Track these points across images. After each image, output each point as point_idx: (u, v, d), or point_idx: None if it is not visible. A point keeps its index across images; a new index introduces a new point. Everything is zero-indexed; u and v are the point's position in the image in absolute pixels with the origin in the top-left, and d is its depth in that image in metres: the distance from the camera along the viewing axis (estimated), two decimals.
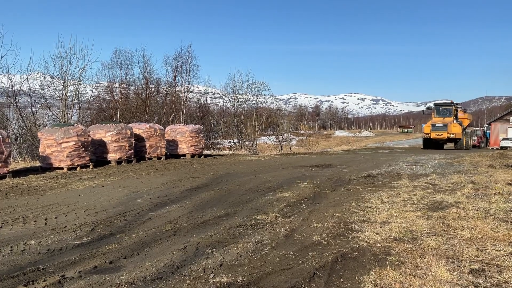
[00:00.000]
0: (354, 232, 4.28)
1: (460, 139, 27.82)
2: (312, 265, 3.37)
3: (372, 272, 3.17)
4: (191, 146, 15.40)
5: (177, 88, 32.09)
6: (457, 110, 29.39)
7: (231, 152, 24.50)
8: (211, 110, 42.49)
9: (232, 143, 33.62)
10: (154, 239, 4.26)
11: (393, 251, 3.67)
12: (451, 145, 30.34)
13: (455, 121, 27.94)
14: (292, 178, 8.33)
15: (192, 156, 15.36)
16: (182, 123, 22.93)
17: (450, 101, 29.36)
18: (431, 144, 29.31)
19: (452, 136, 27.23)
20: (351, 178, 8.03)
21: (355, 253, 3.64)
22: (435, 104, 30.05)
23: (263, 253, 3.70)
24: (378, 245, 3.86)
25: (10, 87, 19.14)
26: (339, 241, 3.99)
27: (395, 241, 3.95)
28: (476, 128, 44.90)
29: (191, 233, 4.45)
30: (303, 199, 6.13)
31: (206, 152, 18.61)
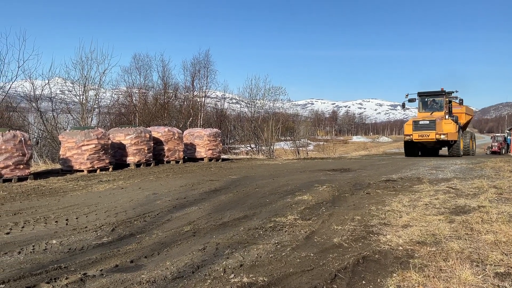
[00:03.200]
0: (375, 235, 4.22)
1: (456, 141, 20.24)
2: (333, 267, 3.33)
3: (395, 275, 3.12)
4: (209, 150, 15.45)
5: (195, 93, 32.30)
6: (450, 102, 21.55)
7: (248, 156, 24.50)
8: (228, 115, 42.67)
9: (249, 148, 33.64)
10: (174, 240, 4.27)
11: (416, 254, 3.61)
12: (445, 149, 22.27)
13: (447, 117, 20.50)
14: (310, 182, 8.28)
15: (210, 160, 15.40)
16: (200, 127, 23.03)
17: (440, 90, 21.34)
18: (415, 149, 21.90)
19: (443, 137, 19.53)
20: (371, 182, 7.95)
21: (376, 256, 3.58)
22: (420, 94, 21.82)
23: (283, 254, 3.68)
24: (400, 248, 3.80)
25: (32, 91, 19.51)
26: (360, 244, 3.94)
27: (417, 244, 3.89)
28: (497, 134, 43.89)
29: (211, 234, 4.45)
30: (322, 202, 6.08)
31: (224, 156, 18.65)
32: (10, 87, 18.34)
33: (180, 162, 14.17)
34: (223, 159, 16.74)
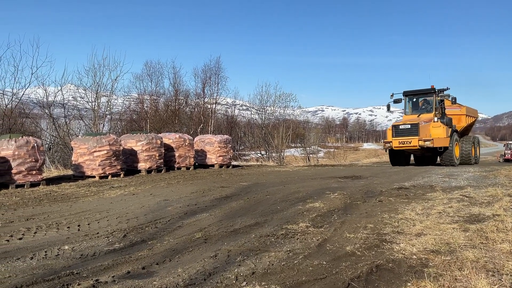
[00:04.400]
0: (389, 244, 4.17)
1: (447, 148, 17.17)
2: (347, 275, 3.29)
3: (409, 284, 3.07)
4: (220, 156, 15.47)
5: (206, 100, 32.41)
6: (442, 101, 18.38)
7: (258, 163, 24.47)
8: (238, 121, 42.76)
9: (259, 155, 33.63)
10: (185, 246, 4.26)
11: (430, 263, 3.55)
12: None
13: (436, 119, 17.49)
14: (321, 189, 8.23)
15: (220, 166, 15.41)
16: (210, 134, 23.10)
17: (430, 88, 18.41)
18: (402, 157, 18.74)
19: (428, 144, 16.40)
20: (383, 190, 7.88)
21: (390, 265, 3.54)
22: (406, 94, 19.01)
23: (295, 262, 3.64)
24: (414, 256, 3.75)
25: (45, 98, 19.74)
26: (373, 252, 3.90)
27: (431, 253, 3.83)
28: (510, 142, 43.27)
29: (222, 241, 4.43)
30: (334, 210, 6.04)
31: (234, 162, 18.66)
32: (23, 94, 18.57)
33: (190, 169, 14.20)
34: (234, 166, 16.75)
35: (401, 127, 17.39)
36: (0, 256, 4.04)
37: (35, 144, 9.74)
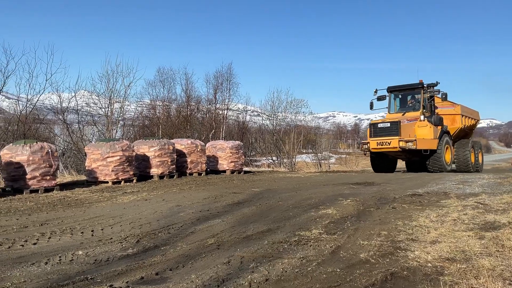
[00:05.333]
0: (403, 251, 4.13)
1: (436, 150, 15.10)
2: (361, 283, 3.26)
3: None
4: (231, 162, 15.48)
5: (217, 106, 32.51)
6: (432, 98, 16.24)
7: (269, 169, 24.45)
8: (249, 127, 42.80)
9: (270, 161, 33.59)
10: (198, 252, 4.26)
11: (446, 271, 3.51)
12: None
13: (423, 118, 15.34)
14: (334, 195, 8.19)
15: (232, 172, 15.42)
16: (222, 140, 23.15)
17: (418, 82, 16.25)
18: (384, 162, 16.69)
19: (410, 145, 14.34)
20: (396, 196, 7.81)
21: (405, 272, 3.50)
22: (390, 89, 16.95)
23: (309, 269, 3.62)
24: (429, 264, 3.70)
25: (59, 104, 19.97)
26: (388, 260, 3.86)
27: (447, 261, 3.78)
28: None
29: (235, 247, 4.42)
30: (347, 216, 6.00)
31: (245, 168, 18.66)
32: (37, 100, 18.80)
33: (202, 174, 14.23)
34: (245, 172, 16.75)
35: (379, 125, 15.36)
36: (15, 261, 4.09)
37: (49, 150, 9.84)
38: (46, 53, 27.88)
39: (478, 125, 21.94)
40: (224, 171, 15.37)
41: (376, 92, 17.05)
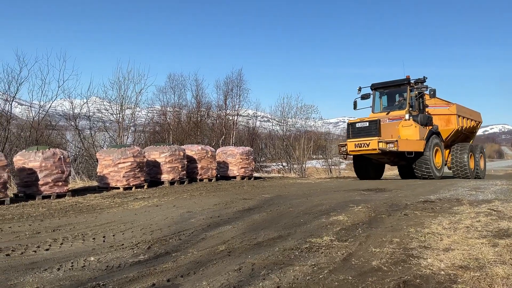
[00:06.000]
0: (416, 259, 4.08)
1: (423, 153, 13.78)
2: None
3: None
4: (241, 168, 15.48)
5: (227, 112, 32.60)
6: (421, 96, 14.83)
7: (280, 175, 24.42)
8: (259, 133, 42.83)
9: (280, 166, 33.54)
10: (209, 259, 4.26)
11: (459, 279, 3.47)
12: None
13: (408, 117, 14.04)
14: (345, 202, 8.15)
15: (242, 178, 15.42)
16: (232, 146, 23.18)
17: (404, 78, 14.76)
18: (368, 167, 15.50)
19: (390, 147, 12.98)
20: (408, 203, 7.75)
21: (418, 280, 3.46)
22: (374, 87, 15.61)
23: (320, 276, 3.60)
24: (442, 272, 3.66)
25: (71, 110, 20.18)
26: (400, 267, 3.82)
27: (460, 269, 3.74)
28: None
29: (246, 254, 4.41)
30: (358, 223, 5.96)
31: (256, 174, 18.64)
32: (50, 106, 19.02)
33: (213, 180, 14.25)
34: (255, 178, 16.74)
35: (358, 125, 13.89)
36: (28, 267, 4.12)
37: (62, 156, 9.93)
38: (59, 60, 28.16)
39: (491, 130, 21.02)
40: (234, 177, 15.37)
41: (360, 90, 15.80)
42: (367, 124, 13.71)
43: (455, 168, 15.89)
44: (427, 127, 14.64)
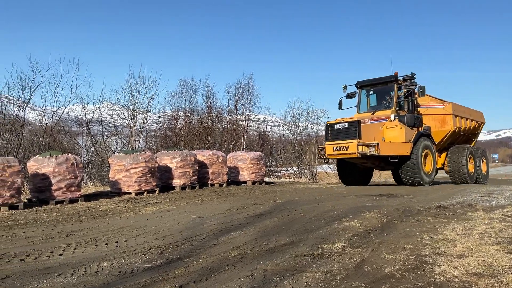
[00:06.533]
0: (429, 266, 4.05)
1: (409, 157, 12.56)
2: None
3: None
4: (252, 173, 15.48)
5: (238, 116, 32.65)
6: (410, 94, 13.60)
7: (290, 179, 24.37)
8: (270, 138, 42.83)
9: (291, 171, 33.45)
10: (221, 265, 4.26)
11: (473, 287, 3.43)
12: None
13: (393, 117, 12.83)
14: (356, 207, 8.11)
15: (253, 183, 15.41)
16: (243, 150, 23.20)
17: (391, 75, 13.58)
18: (353, 171, 14.43)
19: (371, 151, 11.88)
20: (420, 209, 7.68)
21: None
22: (360, 84, 14.53)
23: (333, 283, 3.59)
24: (456, 279, 3.63)
25: (83, 116, 20.37)
26: (414, 275, 3.79)
27: (474, 276, 3.70)
28: None
29: (258, 260, 4.41)
30: (370, 229, 5.92)
31: (266, 179, 18.62)
32: (63, 112, 19.21)
33: (224, 185, 14.27)
34: (266, 183, 16.73)
35: (336, 126, 12.79)
36: (42, 272, 4.16)
37: (75, 161, 10.02)
38: (72, 66, 28.56)
39: (504, 135, 20.15)
40: (245, 182, 15.37)
41: (345, 88, 14.53)
42: (346, 125, 12.58)
43: (453, 172, 14.84)
44: (416, 128, 13.47)
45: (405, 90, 13.62)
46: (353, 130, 12.34)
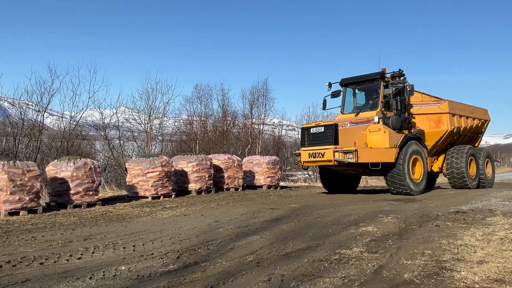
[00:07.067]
0: (449, 271, 3.99)
1: (396, 163, 11.29)
2: None
3: None
4: (268, 177, 15.46)
5: (253, 120, 32.71)
6: (399, 92, 12.28)
7: (306, 184, 24.27)
8: (285, 142, 42.76)
9: (306, 175, 33.33)
10: (238, 270, 4.26)
11: None
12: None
13: (377, 120, 11.47)
14: (373, 212, 8.04)
15: (269, 187, 15.39)
16: (258, 155, 23.21)
17: (378, 72, 12.43)
18: (336, 178, 13.18)
19: (349, 158, 10.73)
20: (439, 214, 7.58)
21: None
22: (344, 82, 13.17)
23: None
24: (477, 286, 3.57)
25: (101, 120, 20.62)
26: (433, 281, 3.74)
27: (495, 282, 3.64)
28: None
29: (275, 265, 4.40)
30: (388, 234, 5.86)
31: (282, 183, 18.57)
32: (81, 117, 19.47)
33: (239, 190, 14.27)
34: (282, 187, 16.68)
35: (312, 130, 11.55)
36: (61, 276, 4.21)
37: (92, 166, 10.13)
38: (89, 72, 28.94)
39: None
40: (261, 186, 15.36)
41: (330, 86, 13.24)
42: (322, 129, 11.30)
43: (451, 176, 13.64)
44: (404, 132, 12.13)
45: (393, 89, 12.34)
46: (330, 134, 11.10)
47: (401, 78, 12.55)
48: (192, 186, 12.74)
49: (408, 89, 12.07)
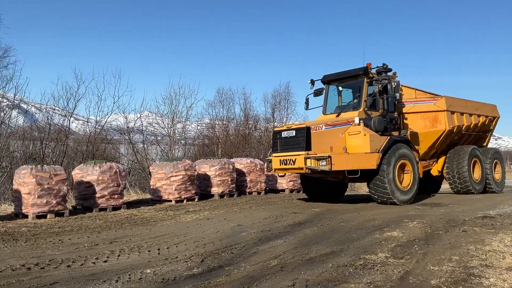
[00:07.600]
0: (477, 278, 3.91)
1: (379, 170, 9.86)
2: None
3: None
4: (290, 181, 15.39)
5: (275, 124, 32.69)
6: (385, 89, 11.08)
7: None
8: None
9: None
10: (262, 274, 4.26)
11: None
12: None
13: (357, 121, 10.24)
14: (398, 217, 7.93)
15: (291, 191, 15.33)
16: None
17: (361, 67, 11.00)
18: (324, 185, 11.48)
19: (322, 166, 9.30)
20: (466, 219, 7.43)
21: None
22: (327, 80, 11.83)
23: None
24: None
25: (125, 125, 20.91)
26: (461, 287, 3.67)
27: None
28: None
29: (299, 270, 4.38)
30: (414, 240, 5.78)
31: None
32: (106, 122, 19.80)
33: (262, 193, 14.27)
34: None
35: (284, 134, 10.37)
36: (88, 278, 4.28)
37: (118, 170, 10.28)
38: (114, 77, 29.32)
39: None
40: (283, 190, 15.31)
41: (312, 84, 12.03)
42: (294, 133, 10.11)
43: (452, 180, 12.45)
44: (393, 133, 10.93)
45: (379, 86, 11.05)
46: (301, 139, 9.87)
47: (387, 74, 11.15)
48: (215, 190, 12.80)
49: (394, 85, 10.71)
